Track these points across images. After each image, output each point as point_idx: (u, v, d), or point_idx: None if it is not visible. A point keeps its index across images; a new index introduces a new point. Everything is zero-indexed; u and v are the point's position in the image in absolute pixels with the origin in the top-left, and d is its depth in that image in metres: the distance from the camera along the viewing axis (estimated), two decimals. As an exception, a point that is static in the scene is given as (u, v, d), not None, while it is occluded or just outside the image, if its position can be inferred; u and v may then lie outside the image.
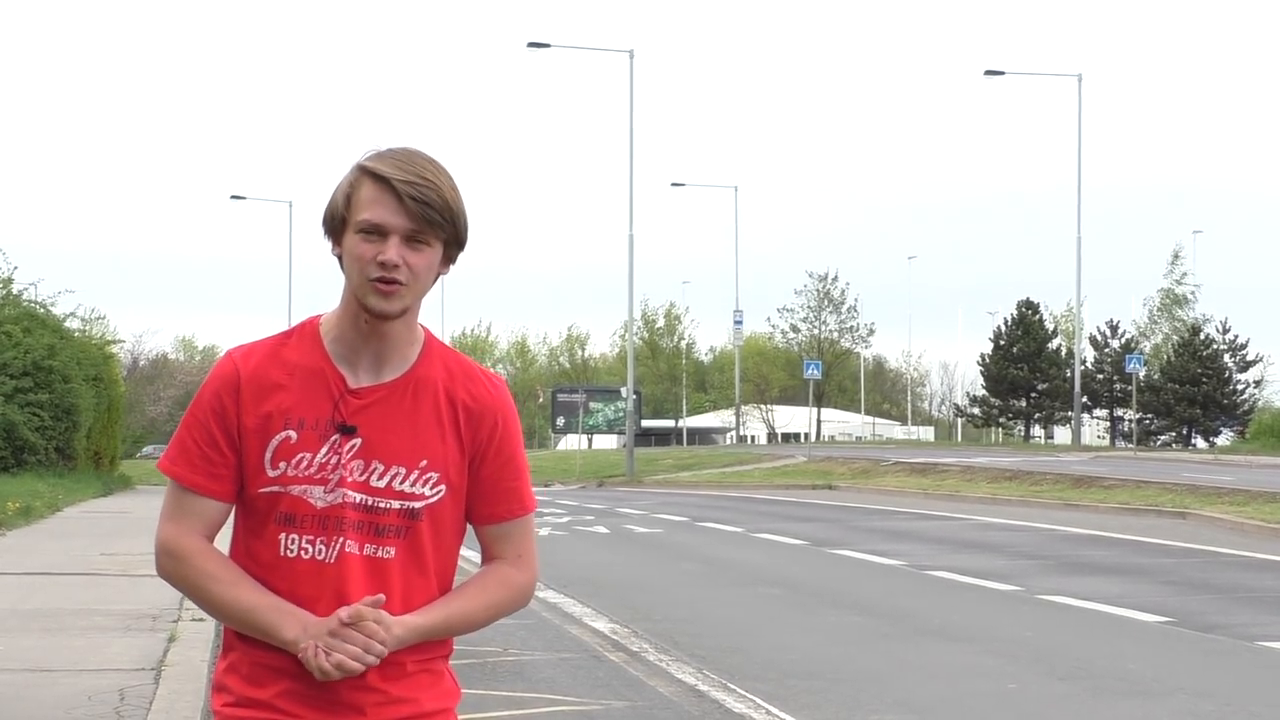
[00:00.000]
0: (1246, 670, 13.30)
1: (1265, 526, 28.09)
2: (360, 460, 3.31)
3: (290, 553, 3.30)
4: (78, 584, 17.77)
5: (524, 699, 11.49)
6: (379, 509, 3.31)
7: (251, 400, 3.32)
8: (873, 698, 11.83)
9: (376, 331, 3.32)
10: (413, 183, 3.23)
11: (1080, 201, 68.47)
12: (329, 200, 3.33)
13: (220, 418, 3.33)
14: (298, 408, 3.32)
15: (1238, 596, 18.48)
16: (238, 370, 3.34)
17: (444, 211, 3.26)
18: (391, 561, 3.31)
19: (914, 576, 21.15)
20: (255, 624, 3.28)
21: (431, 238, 3.27)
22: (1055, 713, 11.42)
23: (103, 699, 10.58)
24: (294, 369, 3.34)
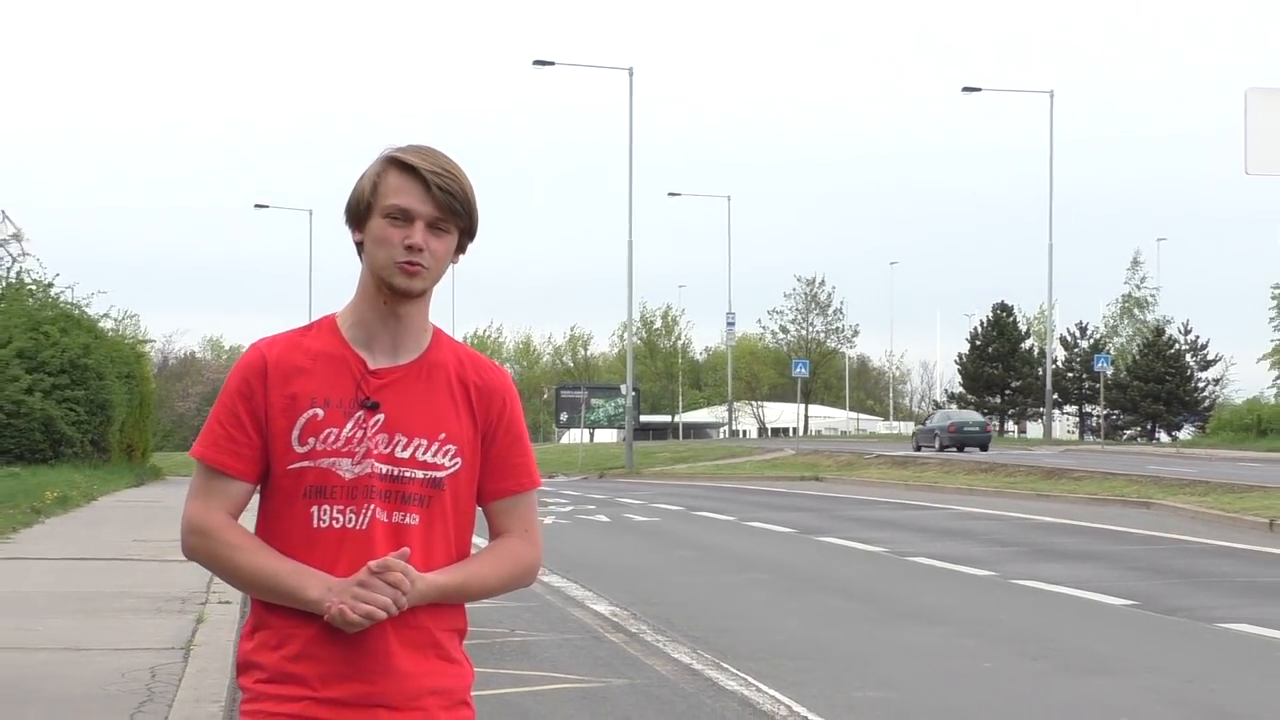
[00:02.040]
0: (1206, 650, 13.30)
1: (1224, 516, 28.11)
2: (384, 434, 3.33)
3: (322, 523, 3.31)
4: (111, 568, 17.78)
5: (529, 677, 11.50)
6: (404, 478, 3.33)
7: (278, 383, 3.34)
8: (856, 676, 11.84)
9: (395, 313, 3.35)
10: (438, 173, 3.30)
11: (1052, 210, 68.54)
12: (354, 189, 3.37)
13: (248, 400, 3.35)
14: (322, 388, 3.34)
15: (1198, 581, 18.48)
16: (264, 356, 3.37)
17: (464, 202, 3.34)
18: (415, 528, 3.33)
19: (895, 562, 21.15)
20: (280, 588, 3.28)
21: (452, 225, 3.34)
22: (1027, 690, 11.42)
23: (135, 676, 10.59)
24: (316, 355, 3.37)
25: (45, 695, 9.95)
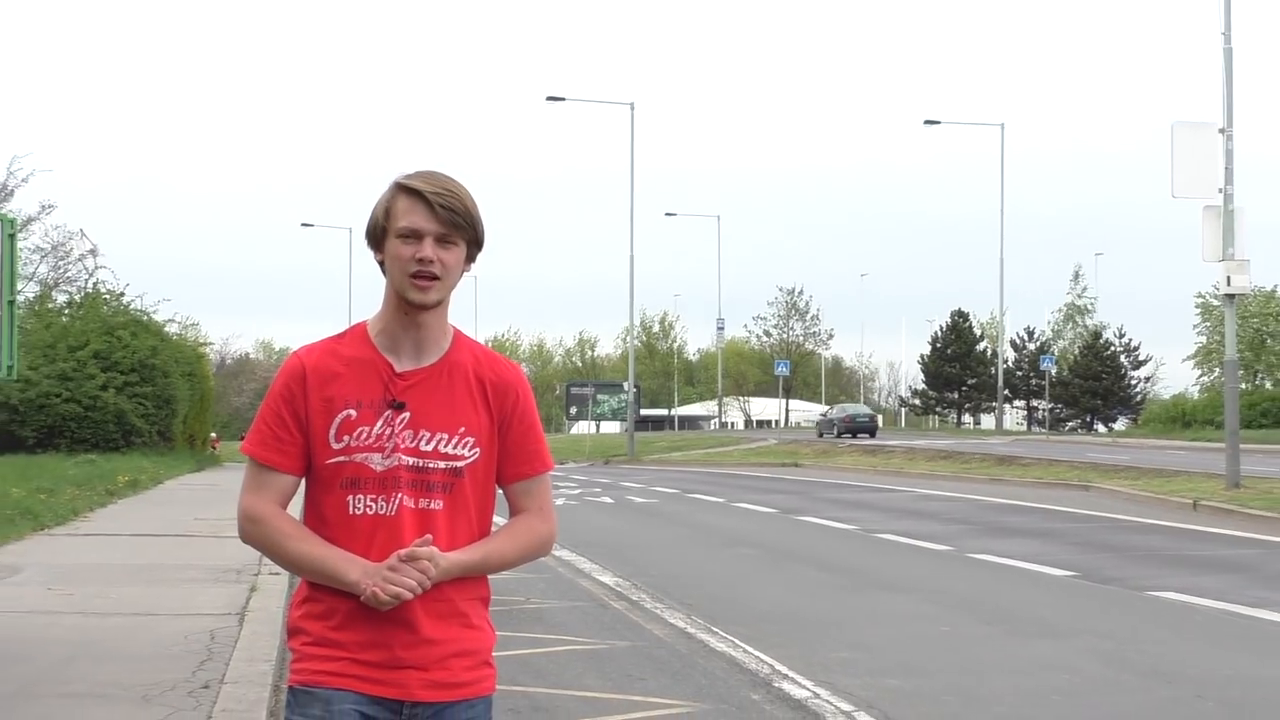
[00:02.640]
0: (1139, 615, 13.31)
1: (1154, 497, 28.13)
2: (410, 430, 3.36)
3: (357, 510, 3.35)
4: (175, 544, 17.79)
5: (543, 639, 11.50)
6: (428, 468, 3.35)
7: (316, 387, 3.37)
8: (831, 639, 11.85)
9: (415, 322, 3.38)
10: (440, 194, 3.34)
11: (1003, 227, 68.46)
12: (370, 215, 3.42)
13: (290, 403, 3.38)
14: (354, 391, 3.37)
15: (1131, 555, 18.49)
16: (303, 364, 3.40)
17: (466, 216, 3.36)
18: (439, 513, 3.36)
19: (865, 539, 21.16)
20: (324, 571, 3.32)
21: (458, 238, 3.37)
22: (981, 651, 11.43)
23: (196, 638, 10.60)
24: (349, 361, 3.40)
25: (120, 654, 9.97)
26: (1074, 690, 9.79)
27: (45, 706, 8.27)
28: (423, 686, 3.35)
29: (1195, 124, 28.70)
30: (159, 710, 8.23)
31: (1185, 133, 28.31)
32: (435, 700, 3.36)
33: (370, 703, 3.34)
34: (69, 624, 11.30)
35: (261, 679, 9.10)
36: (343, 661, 3.34)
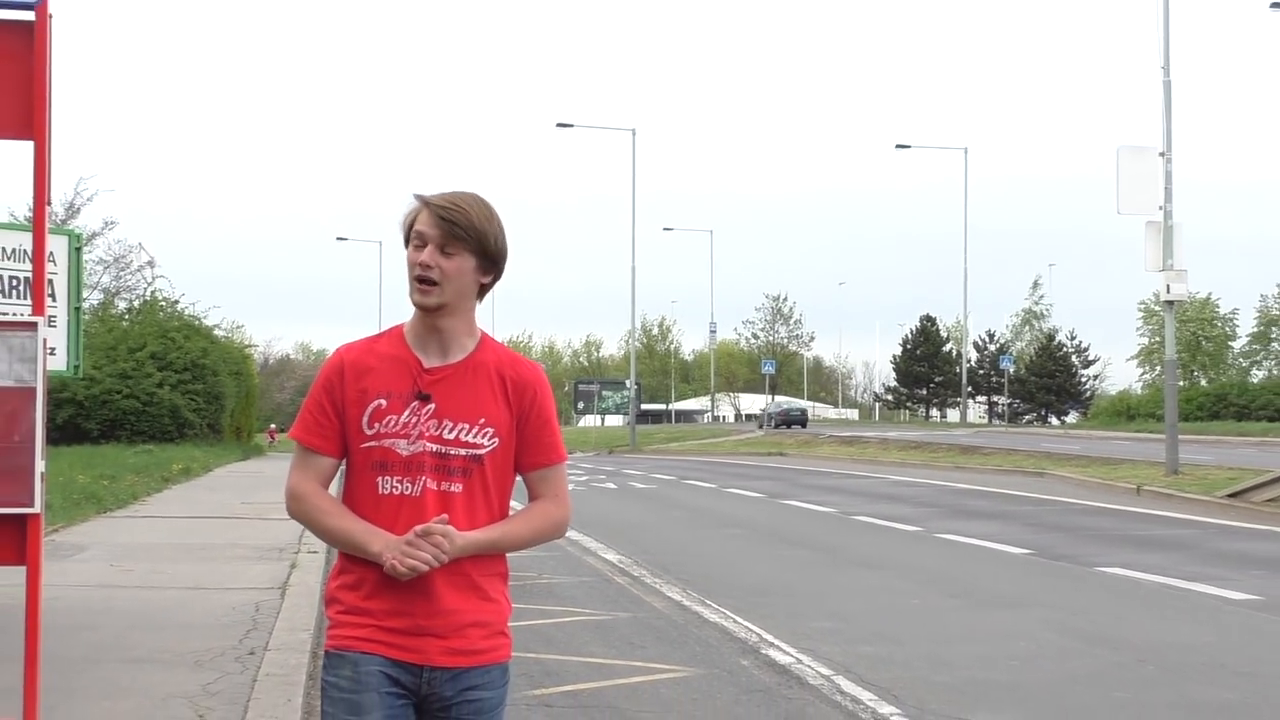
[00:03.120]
0: (1087, 588, 13.33)
1: (1101, 483, 28.18)
2: (435, 420, 3.36)
3: (385, 490, 3.36)
4: (224, 525, 17.82)
5: (553, 611, 11.52)
6: (448, 455, 3.36)
7: (352, 380, 3.39)
8: (811, 610, 11.87)
9: (433, 325, 3.39)
10: (445, 206, 3.34)
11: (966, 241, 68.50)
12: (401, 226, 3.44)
13: (330, 394, 3.41)
14: (386, 383, 3.38)
15: (1081, 534, 18.52)
16: (343, 360, 3.43)
17: (467, 228, 3.33)
18: (458, 495, 3.35)
19: (843, 520, 21.18)
20: (352, 542, 3.34)
21: (459, 248, 3.34)
22: (947, 621, 11.45)
23: (243, 609, 10.62)
24: (383, 357, 3.41)
25: (174, 623, 9.99)
26: (1030, 656, 9.80)
27: (108, 670, 8.30)
28: (441, 653, 3.34)
29: (1138, 148, 28.73)
30: (209, 674, 8.25)
31: (1129, 156, 28.35)
32: (452, 665, 3.35)
33: (394, 666, 3.34)
34: (129, 597, 11.33)
35: (301, 646, 9.11)
36: (370, 629, 3.35)
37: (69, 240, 21.18)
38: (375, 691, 3.32)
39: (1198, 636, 10.62)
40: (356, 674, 3.33)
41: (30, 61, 5.16)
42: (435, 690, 3.35)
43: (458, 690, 3.36)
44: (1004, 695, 8.45)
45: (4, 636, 8.78)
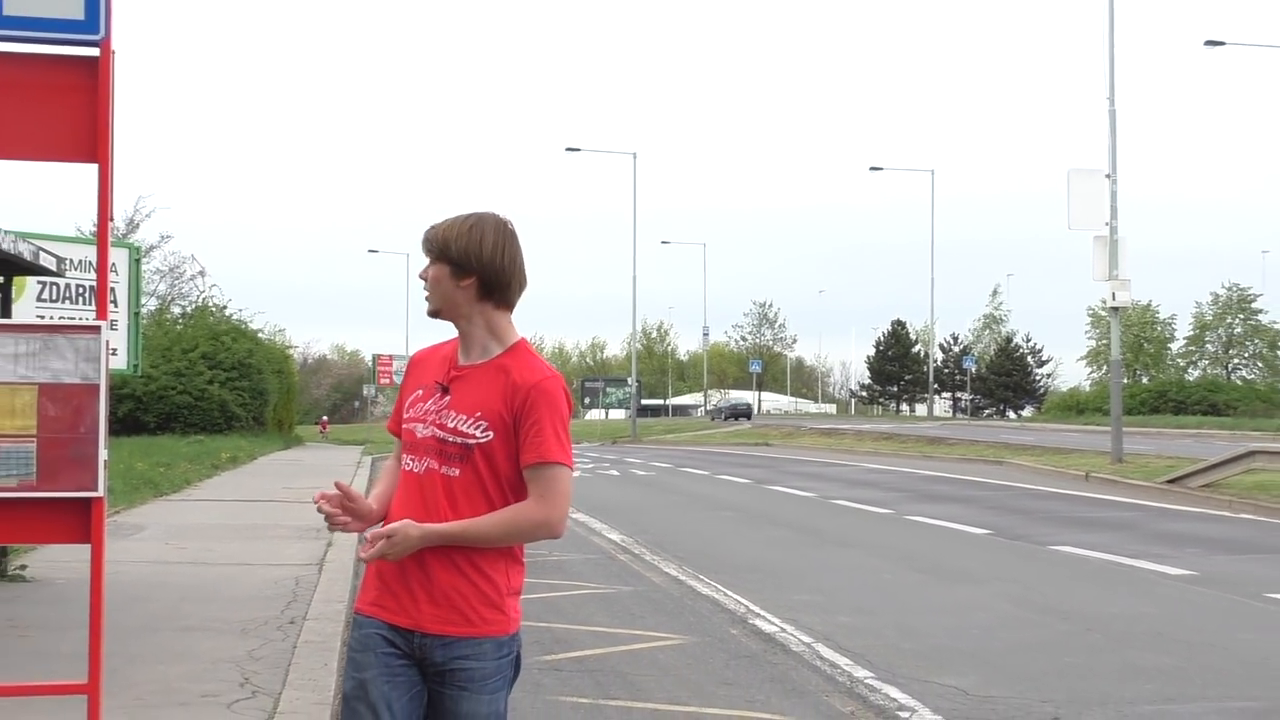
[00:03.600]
0: (1041, 565, 13.34)
1: (1054, 470, 28.17)
2: (447, 410, 3.39)
3: (407, 467, 3.45)
4: (267, 507, 17.84)
5: (562, 585, 11.53)
6: (446, 441, 3.37)
7: (412, 374, 3.56)
8: (794, 584, 11.88)
9: (458, 330, 3.48)
10: (430, 228, 3.46)
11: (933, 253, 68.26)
12: None
13: (402, 389, 3.59)
14: (428, 376, 3.49)
15: (1035, 516, 18.52)
16: (411, 360, 3.63)
17: (431, 241, 3.44)
18: (456, 479, 3.35)
19: (822, 504, 21.19)
20: None
21: (433, 259, 3.44)
22: (915, 594, 11.46)
23: (284, 584, 10.63)
24: (438, 357, 3.51)
25: (223, 596, 10.01)
26: (990, 625, 9.82)
27: (164, 638, 8.31)
28: (431, 620, 3.31)
29: (1087, 170, 28.75)
30: (255, 641, 8.26)
31: (1079, 178, 28.37)
32: (440, 633, 3.31)
33: (391, 630, 3.34)
34: (182, 572, 11.35)
35: (336, 616, 9.13)
36: (376, 594, 3.40)
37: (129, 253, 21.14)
38: (373, 651, 3.34)
39: (1139, 608, 10.63)
40: (362, 636, 3.38)
41: (95, 93, 5.17)
42: (427, 655, 3.32)
43: (448, 658, 3.31)
44: (966, 660, 8.46)
45: (71, 607, 8.80)
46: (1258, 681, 7.91)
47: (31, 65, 5.15)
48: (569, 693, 7.40)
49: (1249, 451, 22.17)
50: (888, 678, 7.90)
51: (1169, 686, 7.73)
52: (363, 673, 3.32)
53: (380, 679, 3.30)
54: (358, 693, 3.31)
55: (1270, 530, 16.98)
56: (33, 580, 10.51)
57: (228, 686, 7.02)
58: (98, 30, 5.12)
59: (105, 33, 5.13)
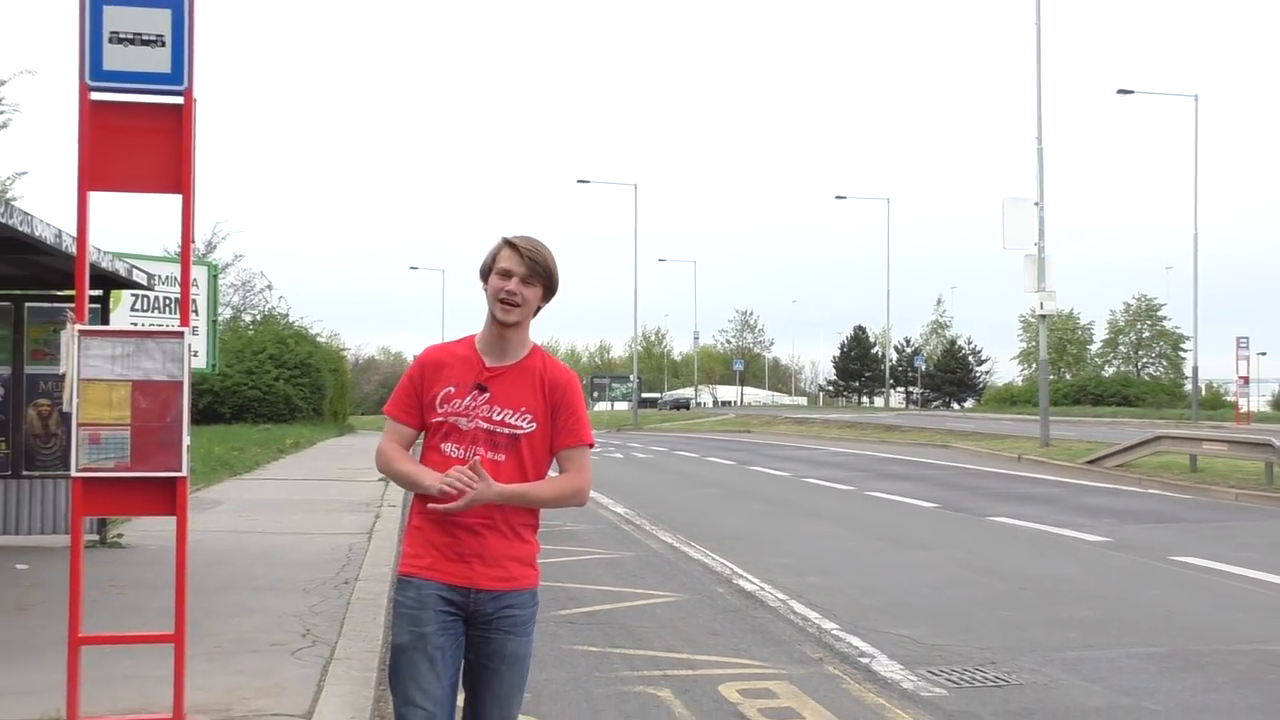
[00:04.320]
0: (982, 533, 13.34)
1: (991, 453, 28.15)
2: (488, 405, 3.40)
3: (448, 454, 3.41)
4: (324, 485, 17.84)
5: (575, 550, 11.54)
6: (495, 432, 3.39)
7: (430, 372, 3.46)
8: (771, 550, 11.88)
9: (501, 335, 3.43)
10: (529, 249, 3.41)
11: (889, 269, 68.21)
12: (485, 259, 3.50)
13: (414, 382, 3.49)
14: (455, 376, 3.44)
15: (976, 492, 18.52)
16: (425, 360, 3.51)
17: (544, 267, 3.43)
18: (503, 464, 3.38)
19: (795, 482, 21.19)
20: (412, 480, 3.41)
21: (536, 281, 3.43)
22: (875, 558, 11.46)
23: (339, 550, 10.64)
24: (457, 357, 3.46)
25: (287, 560, 10.01)
26: (938, 584, 9.82)
27: (239, 595, 8.31)
28: (485, 579, 3.37)
29: (1018, 199, 28.72)
30: (315, 598, 8.26)
31: (1011, 205, 28.34)
32: (493, 588, 3.37)
33: (448, 589, 3.36)
34: (253, 540, 11.35)
35: (383, 577, 9.13)
36: (433, 558, 3.39)
37: (208, 270, 21.07)
38: (432, 609, 3.35)
39: (1064, 570, 10.64)
40: (419, 595, 3.37)
41: (179, 135, 5.17)
42: (479, 608, 3.37)
43: (498, 608, 3.38)
44: (917, 614, 8.46)
45: (159, 569, 8.80)
46: (1163, 631, 7.91)
47: (127, 112, 5.15)
48: (581, 642, 7.41)
49: (1156, 436, 22.18)
50: (851, 629, 7.90)
51: (1089, 636, 7.74)
52: (421, 627, 3.33)
53: (437, 633, 3.33)
54: (416, 644, 3.32)
55: (1174, 503, 16.99)
56: (128, 546, 10.52)
57: (292, 637, 7.03)
58: (182, 82, 5.12)
59: (188, 84, 5.13)
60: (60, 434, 10.36)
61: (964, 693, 6.29)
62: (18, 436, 10.48)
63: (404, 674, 3.32)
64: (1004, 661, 6.99)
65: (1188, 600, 9.12)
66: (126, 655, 6.03)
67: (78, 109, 5.10)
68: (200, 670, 5.83)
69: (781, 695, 6.18)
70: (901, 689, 6.36)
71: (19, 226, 6.53)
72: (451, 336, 3.66)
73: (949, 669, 6.79)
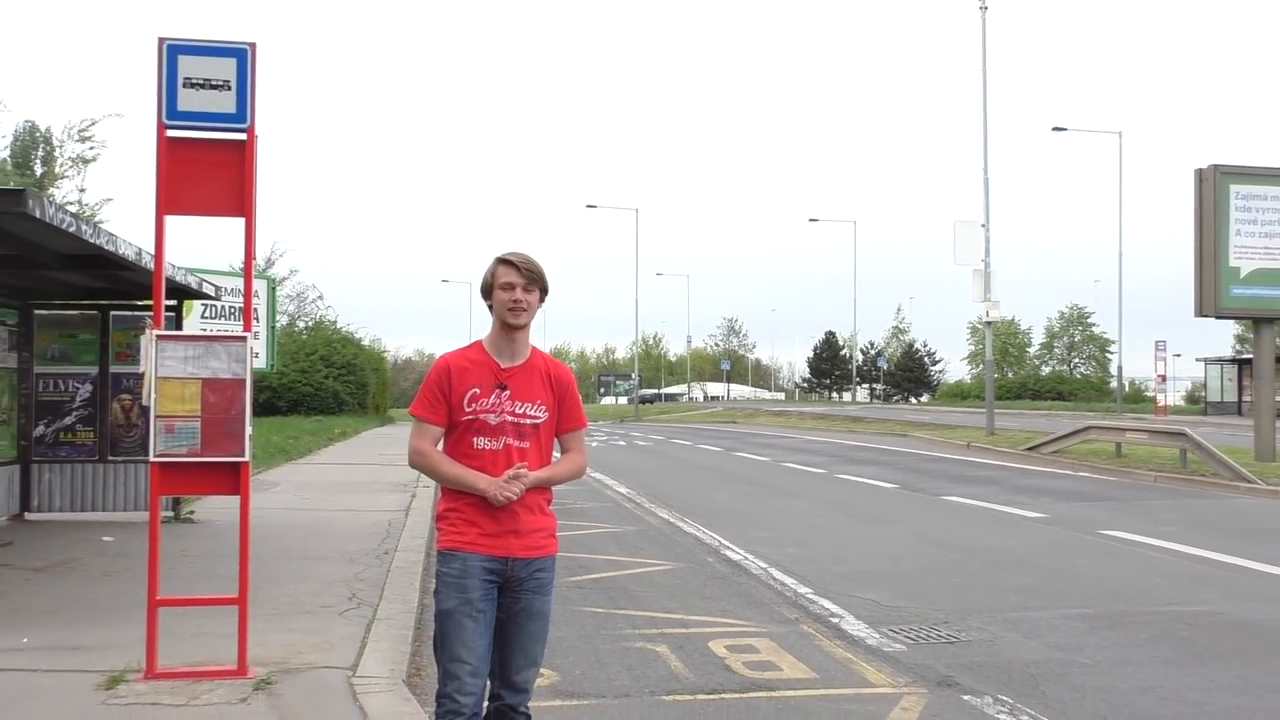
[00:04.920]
0: (935, 510, 13.33)
1: (944, 440, 28.08)
2: (510, 400, 3.40)
3: (479, 447, 3.40)
4: (368, 468, 17.84)
5: (584, 525, 11.53)
6: (521, 423, 3.40)
7: (455, 376, 3.42)
8: (752, 524, 11.87)
9: (511, 338, 3.44)
10: (525, 262, 3.44)
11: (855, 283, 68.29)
12: (484, 277, 3.50)
13: (440, 385, 3.44)
14: (477, 378, 3.42)
15: (931, 474, 18.50)
16: (448, 365, 3.45)
17: (539, 275, 3.46)
18: (527, 449, 3.40)
19: (774, 466, 21.18)
20: (464, 482, 3.37)
21: (534, 287, 3.44)
22: (844, 532, 11.45)
23: (379, 525, 10.64)
24: (473, 362, 3.44)
25: (336, 533, 10.02)
26: (898, 554, 9.82)
27: (294, 564, 8.32)
28: (519, 549, 3.39)
29: (967, 222, 28.69)
30: (359, 566, 8.27)
31: (961, 226, 28.32)
32: (526, 556, 3.39)
33: (488, 559, 3.37)
34: (307, 516, 11.35)
35: (418, 549, 9.13)
36: (473, 535, 3.39)
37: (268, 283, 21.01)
38: (476, 578, 3.36)
39: (1006, 542, 10.63)
40: (464, 566, 3.37)
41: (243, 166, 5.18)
42: (514, 573, 3.39)
43: (529, 573, 3.40)
44: (880, 580, 8.46)
45: (225, 541, 8.81)
46: (1092, 595, 7.91)
47: (198, 147, 5.17)
48: (589, 604, 7.41)
49: (1086, 427, 22.16)
50: (822, 593, 7.90)
51: (1028, 599, 7.74)
52: (467, 593, 3.34)
53: (481, 598, 3.35)
54: (462, 608, 3.33)
55: (1101, 485, 16.98)
56: (198, 521, 10.52)
57: (339, 599, 7.03)
58: (245, 120, 5.14)
59: (250, 122, 5.14)
60: (140, 424, 10.38)
61: (920, 648, 6.29)
62: (104, 427, 10.51)
63: (451, 634, 3.32)
64: (954, 621, 6.99)
65: (1113, 568, 9.12)
66: (197, 616, 6.04)
67: (156, 144, 5.11)
68: (260, 629, 5.83)
69: (762, 650, 6.18)
70: (866, 645, 6.36)
71: (106, 246, 6.55)
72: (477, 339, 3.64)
73: (907, 627, 6.79)
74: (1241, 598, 7.80)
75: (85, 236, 6.31)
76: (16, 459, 10.29)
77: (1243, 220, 18.98)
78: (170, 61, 5.08)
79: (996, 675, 5.69)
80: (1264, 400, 19.11)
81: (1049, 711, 5.06)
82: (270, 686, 4.97)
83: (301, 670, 5.27)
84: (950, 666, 5.86)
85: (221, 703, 4.74)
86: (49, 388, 10.46)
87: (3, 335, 10.02)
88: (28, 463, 10.39)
